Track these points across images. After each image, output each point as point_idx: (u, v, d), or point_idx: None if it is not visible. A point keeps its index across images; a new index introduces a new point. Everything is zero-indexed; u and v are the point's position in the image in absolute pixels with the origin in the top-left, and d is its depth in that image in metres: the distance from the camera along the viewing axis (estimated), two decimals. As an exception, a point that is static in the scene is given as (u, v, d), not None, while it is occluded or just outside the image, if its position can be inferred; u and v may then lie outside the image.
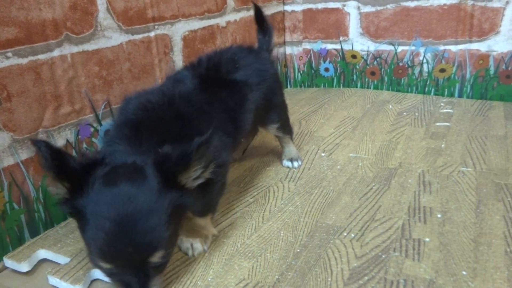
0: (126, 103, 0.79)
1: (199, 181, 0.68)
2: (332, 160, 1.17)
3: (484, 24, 1.51)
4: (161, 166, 0.64)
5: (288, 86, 1.95)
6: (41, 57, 0.85)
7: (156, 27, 1.13)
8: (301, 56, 1.88)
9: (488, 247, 0.77)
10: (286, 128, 1.13)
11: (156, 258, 0.62)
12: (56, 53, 0.87)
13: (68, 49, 0.90)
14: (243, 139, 1.01)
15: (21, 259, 0.80)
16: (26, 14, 0.82)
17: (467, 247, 0.78)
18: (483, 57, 1.55)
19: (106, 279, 0.76)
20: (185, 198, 0.66)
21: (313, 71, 1.88)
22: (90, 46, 0.95)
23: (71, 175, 0.61)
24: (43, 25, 0.85)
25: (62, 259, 0.80)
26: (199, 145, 0.62)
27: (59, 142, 0.91)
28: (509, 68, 1.52)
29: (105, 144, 0.74)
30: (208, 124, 0.79)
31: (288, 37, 1.88)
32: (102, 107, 1.00)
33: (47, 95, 0.87)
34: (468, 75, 1.59)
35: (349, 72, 1.81)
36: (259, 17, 1.13)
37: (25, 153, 0.85)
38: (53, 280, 0.75)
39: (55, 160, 0.59)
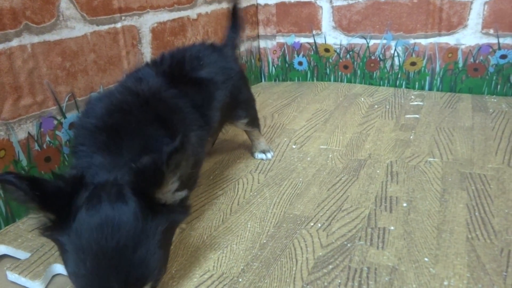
0: (95, 104, 0.72)
1: (182, 195, 0.61)
2: (303, 152, 1.17)
3: (452, 18, 1.54)
4: (136, 186, 0.57)
5: (262, 80, 1.94)
6: (-2, 46, 0.82)
7: (123, 18, 1.11)
8: (275, 50, 1.88)
9: (451, 234, 0.79)
10: (254, 122, 1.12)
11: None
12: (14, 43, 0.85)
13: (28, 39, 0.87)
14: (210, 137, 0.99)
15: (-20, 255, 0.78)
16: (-19, 2, 0.79)
17: (430, 234, 0.79)
18: (452, 50, 1.57)
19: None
20: (172, 215, 0.60)
21: (287, 65, 1.88)
22: (51, 37, 0.92)
23: (55, 204, 0.55)
24: (0, 14, 0.82)
25: (23, 255, 0.78)
26: (170, 155, 0.54)
27: (20, 134, 0.88)
28: (477, 61, 1.55)
29: (80, 154, 0.66)
30: (186, 122, 0.78)
31: (261, 31, 1.87)
32: (66, 99, 0.97)
33: (6, 86, 0.84)
34: (437, 68, 1.62)
35: (323, 66, 1.82)
36: (235, 13, 1.12)
37: (-17, 146, 0.82)
38: (12, 275, 0.73)
39: (35, 190, 0.52)
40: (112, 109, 0.70)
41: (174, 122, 0.74)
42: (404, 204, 0.89)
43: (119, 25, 1.10)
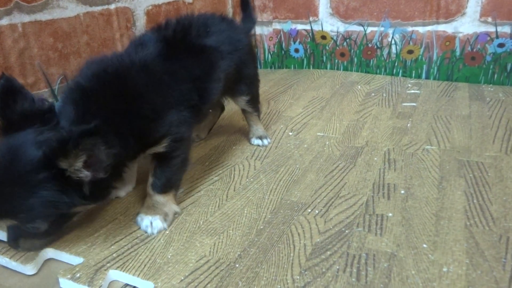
0: (86, 67, 0.75)
1: (88, 176, 0.64)
2: (300, 139, 1.16)
3: (451, 6, 1.52)
4: (49, 144, 0.62)
5: (258, 67, 1.92)
6: (-12, 25, 0.79)
7: (117, -1, 1.08)
8: (271, 37, 1.85)
9: (449, 221, 0.78)
10: (255, 104, 1.10)
11: (9, 222, 0.65)
12: (4, 21, 0.82)
13: (19, 18, 0.85)
14: (210, 110, 0.98)
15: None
16: (-31, -23, 0.76)
17: (429, 221, 0.78)
18: (450, 39, 1.56)
19: (60, 258, 0.73)
20: (72, 191, 0.64)
21: (283, 52, 1.86)
22: (43, 16, 0.89)
23: (11, 114, 0.66)
24: (-11, -10, 0.79)
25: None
26: (80, 134, 0.59)
27: (10, 117, 0.86)
28: (474, 50, 1.54)
29: (61, 100, 0.71)
30: (165, 98, 0.76)
31: (258, 17, 1.84)
32: (58, 81, 0.95)
33: (-4, 66, 0.82)
34: (435, 57, 1.61)
35: (319, 53, 1.80)
36: (245, 4, 1.10)
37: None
38: (2, 259, 0.71)
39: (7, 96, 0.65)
40: (93, 74, 0.73)
41: (150, 99, 0.74)
42: (402, 191, 0.88)
43: (112, 6, 1.07)
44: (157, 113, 0.75)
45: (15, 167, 0.62)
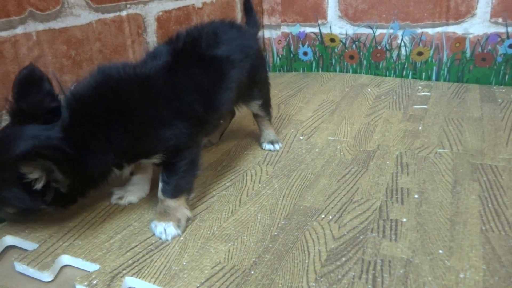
0: (93, 73, 0.76)
1: (38, 186, 0.69)
2: (311, 143, 1.16)
3: (460, 7, 1.52)
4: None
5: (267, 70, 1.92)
6: (3, 34, 0.80)
7: (128, 6, 1.08)
8: (280, 40, 1.85)
9: (464, 226, 0.77)
10: (267, 108, 1.11)
11: None
12: (19, 30, 0.83)
13: (33, 27, 0.85)
14: (221, 120, 0.98)
15: (-14, 246, 0.77)
16: (-15, -12, 0.77)
17: (444, 226, 0.78)
18: (460, 40, 1.55)
19: (76, 265, 0.73)
20: (24, 193, 0.69)
21: (291, 55, 1.86)
22: (56, 24, 0.90)
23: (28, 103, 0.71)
24: (4, 0, 0.80)
25: (30, 245, 0.77)
26: (37, 153, 0.64)
27: (25, 125, 0.87)
28: (485, 51, 1.53)
29: (64, 102, 0.74)
30: (159, 112, 0.77)
31: (266, 20, 1.85)
32: (72, 88, 0.95)
33: (11, 74, 0.82)
34: (445, 58, 1.60)
35: (328, 56, 1.80)
36: (248, 7, 1.10)
37: (-11, 136, 0.81)
38: (19, 266, 0.72)
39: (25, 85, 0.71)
40: (97, 84, 0.75)
41: (140, 114, 0.75)
42: (416, 196, 0.88)
43: (124, 13, 1.07)
44: (144, 129, 0.75)
45: (1, 157, 0.68)
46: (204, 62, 0.86)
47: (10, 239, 0.79)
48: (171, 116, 0.78)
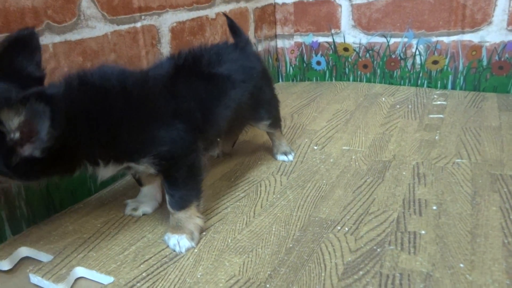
0: (100, 66, 0.75)
1: (19, 143, 0.61)
2: (325, 153, 1.15)
3: (476, 15, 1.50)
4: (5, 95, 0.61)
5: (280, 80, 1.92)
6: (21, 46, 0.81)
7: (142, 17, 1.09)
8: (293, 50, 1.85)
9: (485, 238, 0.75)
10: (277, 124, 1.10)
11: None
12: (36, 42, 0.84)
13: (50, 39, 0.86)
14: (219, 138, 0.94)
15: (2, 257, 0.77)
16: (3, 1, 0.78)
17: (464, 239, 0.76)
18: (476, 48, 1.53)
19: (91, 277, 0.73)
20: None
21: (304, 65, 1.85)
22: (73, 36, 0.91)
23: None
24: (22, 12, 0.81)
25: (45, 257, 0.77)
26: (33, 95, 0.55)
27: (41, 136, 0.87)
28: (502, 59, 1.50)
29: (68, 77, 0.72)
30: (155, 112, 0.75)
31: (279, 30, 1.85)
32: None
33: (28, 86, 0.83)
34: (461, 67, 1.58)
35: (341, 65, 1.79)
36: (233, 28, 1.06)
37: (5, 148, 0.81)
38: (34, 278, 0.72)
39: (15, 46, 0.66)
40: (97, 75, 0.72)
41: (134, 110, 0.73)
42: (434, 207, 0.86)
43: (138, 24, 1.08)
44: (138, 125, 0.73)
45: None
46: (203, 77, 0.86)
47: (25, 250, 0.79)
48: (169, 115, 0.76)
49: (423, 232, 0.78)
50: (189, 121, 0.78)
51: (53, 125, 0.58)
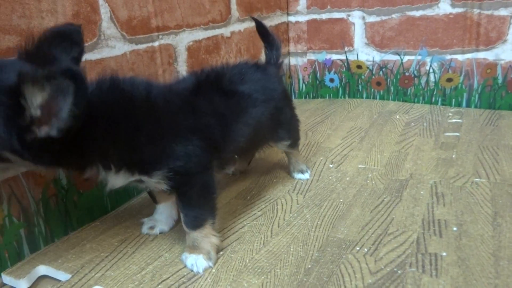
0: (128, 79, 0.76)
1: (38, 120, 0.58)
2: (341, 171, 1.14)
3: (491, 33, 1.49)
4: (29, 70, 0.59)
5: (293, 97, 1.93)
6: (43, 66, 0.82)
7: (160, 37, 1.11)
8: (306, 67, 1.86)
9: (509, 261, 0.74)
10: (296, 143, 1.10)
11: None
12: (58, 62, 0.85)
13: (71, 59, 0.88)
14: (236, 155, 0.93)
15: (20, 275, 0.77)
16: (28, 22, 0.79)
17: (487, 261, 0.74)
18: (491, 66, 1.52)
19: (109, 297, 0.72)
20: (13, 119, 0.57)
21: (318, 82, 1.86)
22: (93, 56, 0.93)
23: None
24: (45, 33, 0.82)
25: (63, 276, 0.77)
26: (61, 71, 0.54)
27: (60, 154, 0.88)
28: (518, 77, 1.49)
29: (101, 78, 0.73)
30: (172, 126, 0.76)
31: (292, 48, 1.86)
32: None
33: (49, 105, 0.84)
34: (475, 85, 1.57)
35: (355, 83, 1.79)
36: (262, 31, 1.10)
37: (26, 166, 0.82)
38: (53, 298, 0.72)
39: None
40: (126, 84, 0.74)
41: (157, 120, 0.74)
42: (454, 228, 0.85)
43: (156, 43, 1.10)
44: (155, 137, 0.73)
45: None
46: (225, 94, 0.87)
47: (43, 269, 0.79)
48: (187, 130, 0.77)
49: (444, 254, 0.77)
50: (206, 138, 0.79)
51: (75, 102, 0.56)
